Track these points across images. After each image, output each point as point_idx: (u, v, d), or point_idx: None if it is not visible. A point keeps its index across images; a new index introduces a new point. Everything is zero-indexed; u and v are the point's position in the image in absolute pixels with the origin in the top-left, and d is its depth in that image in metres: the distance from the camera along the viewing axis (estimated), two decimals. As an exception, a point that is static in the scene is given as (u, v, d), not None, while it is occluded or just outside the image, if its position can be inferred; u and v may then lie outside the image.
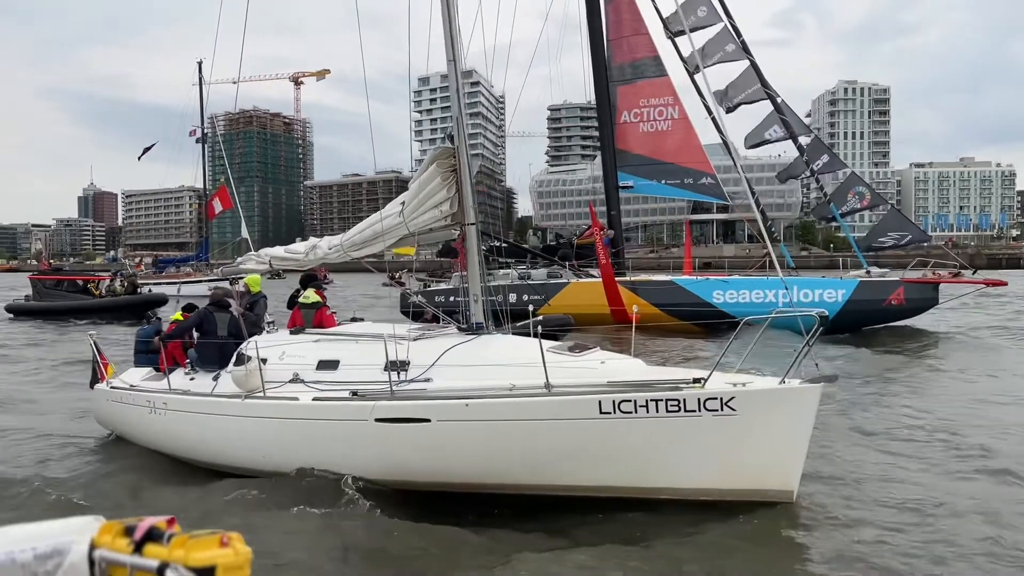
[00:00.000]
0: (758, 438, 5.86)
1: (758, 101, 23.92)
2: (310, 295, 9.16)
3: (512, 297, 24.67)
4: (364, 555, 5.53)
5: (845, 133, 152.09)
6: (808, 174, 23.49)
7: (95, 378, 9.79)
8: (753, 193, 26.21)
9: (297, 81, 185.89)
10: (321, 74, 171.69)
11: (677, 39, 24.95)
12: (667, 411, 5.85)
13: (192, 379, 8.68)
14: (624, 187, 27.05)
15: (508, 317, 8.43)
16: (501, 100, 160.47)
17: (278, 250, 9.96)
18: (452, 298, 25.40)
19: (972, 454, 7.84)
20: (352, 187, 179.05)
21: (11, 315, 31.73)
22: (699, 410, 5.82)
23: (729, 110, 24.53)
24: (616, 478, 6.21)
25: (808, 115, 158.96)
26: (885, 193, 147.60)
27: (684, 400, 5.82)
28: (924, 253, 23.27)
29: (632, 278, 24.63)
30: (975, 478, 7.10)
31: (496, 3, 23.14)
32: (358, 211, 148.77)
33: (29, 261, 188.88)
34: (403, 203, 8.27)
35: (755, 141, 24.64)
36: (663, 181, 26.36)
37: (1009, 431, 8.75)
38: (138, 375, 9.54)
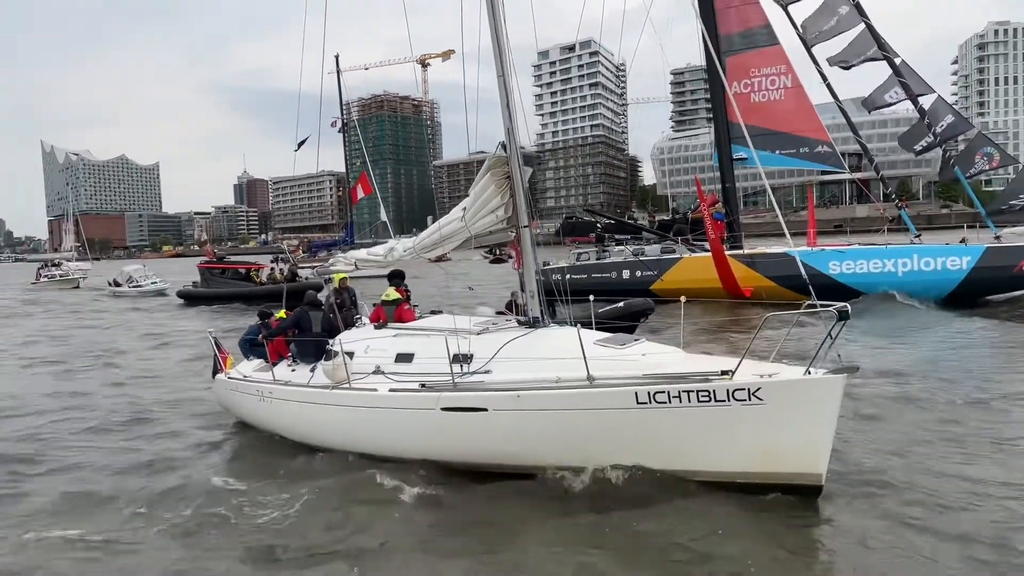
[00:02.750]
0: (785, 426, 6.22)
1: (876, 60, 23.29)
2: (391, 293, 9.99)
3: (626, 273, 25.80)
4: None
5: (996, 79, 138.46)
6: (930, 138, 22.69)
7: (216, 369, 11.21)
8: (872, 160, 25.77)
9: (424, 63, 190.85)
10: (446, 55, 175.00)
11: (789, 7, 24.69)
12: (698, 401, 6.35)
13: (293, 370, 9.77)
14: (738, 159, 27.02)
15: (568, 304, 9.13)
16: (621, 68, 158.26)
17: (361, 252, 10.98)
18: (569, 276, 26.64)
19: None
20: (477, 165, 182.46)
21: (182, 300, 36.07)
22: (728, 400, 6.28)
23: (845, 68, 24.00)
24: (655, 462, 6.77)
25: (954, 62, 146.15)
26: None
27: (714, 391, 6.30)
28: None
29: (748, 251, 24.73)
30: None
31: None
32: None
33: (192, 247, 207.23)
34: (464, 209, 9.01)
35: (875, 105, 24.01)
36: (777, 151, 26.04)
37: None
38: (250, 367, 10.74)
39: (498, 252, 40.11)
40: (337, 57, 48.91)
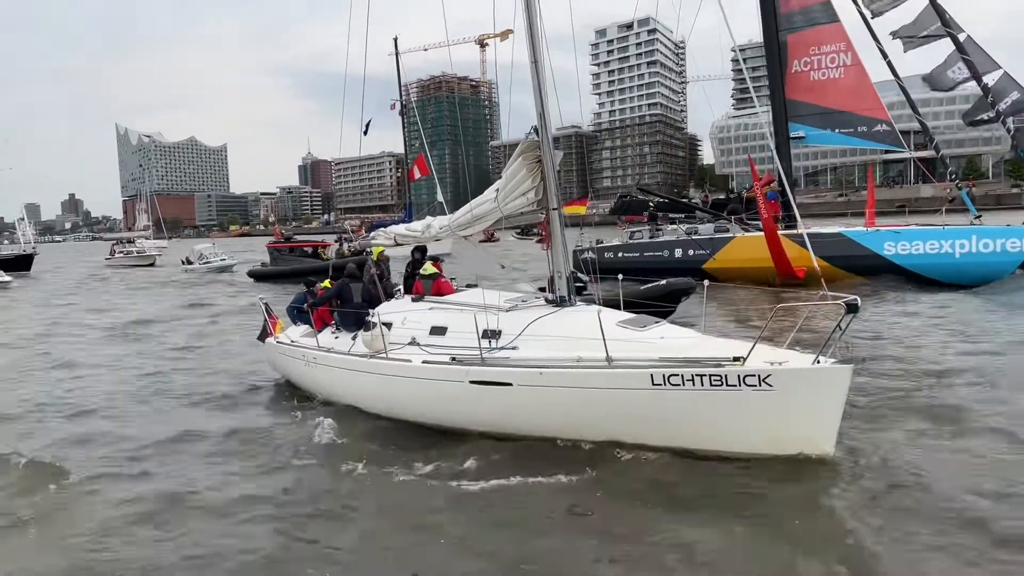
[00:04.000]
0: (794, 412, 6.46)
1: (939, 38, 22.83)
2: (428, 267, 10.29)
3: (678, 252, 26.03)
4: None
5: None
6: (992, 115, 22.14)
7: (264, 333, 12.02)
8: (932, 140, 25.29)
9: (482, 44, 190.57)
10: (504, 35, 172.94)
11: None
12: (711, 385, 6.61)
13: (336, 338, 10.27)
14: (795, 138, 26.80)
15: (597, 284, 9.54)
16: (681, 45, 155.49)
17: (400, 228, 11.34)
18: (621, 254, 27.03)
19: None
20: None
21: (253, 279, 37.54)
22: (739, 385, 6.52)
23: (907, 48, 23.62)
24: (668, 440, 7.07)
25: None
26: None
27: (726, 376, 6.55)
28: None
29: (802, 230, 24.60)
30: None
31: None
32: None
33: (258, 227, 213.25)
34: (497, 190, 9.28)
35: (939, 85, 23.55)
36: (836, 130, 25.77)
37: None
38: (298, 332, 11.33)
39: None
40: (396, 40, 49.70)
